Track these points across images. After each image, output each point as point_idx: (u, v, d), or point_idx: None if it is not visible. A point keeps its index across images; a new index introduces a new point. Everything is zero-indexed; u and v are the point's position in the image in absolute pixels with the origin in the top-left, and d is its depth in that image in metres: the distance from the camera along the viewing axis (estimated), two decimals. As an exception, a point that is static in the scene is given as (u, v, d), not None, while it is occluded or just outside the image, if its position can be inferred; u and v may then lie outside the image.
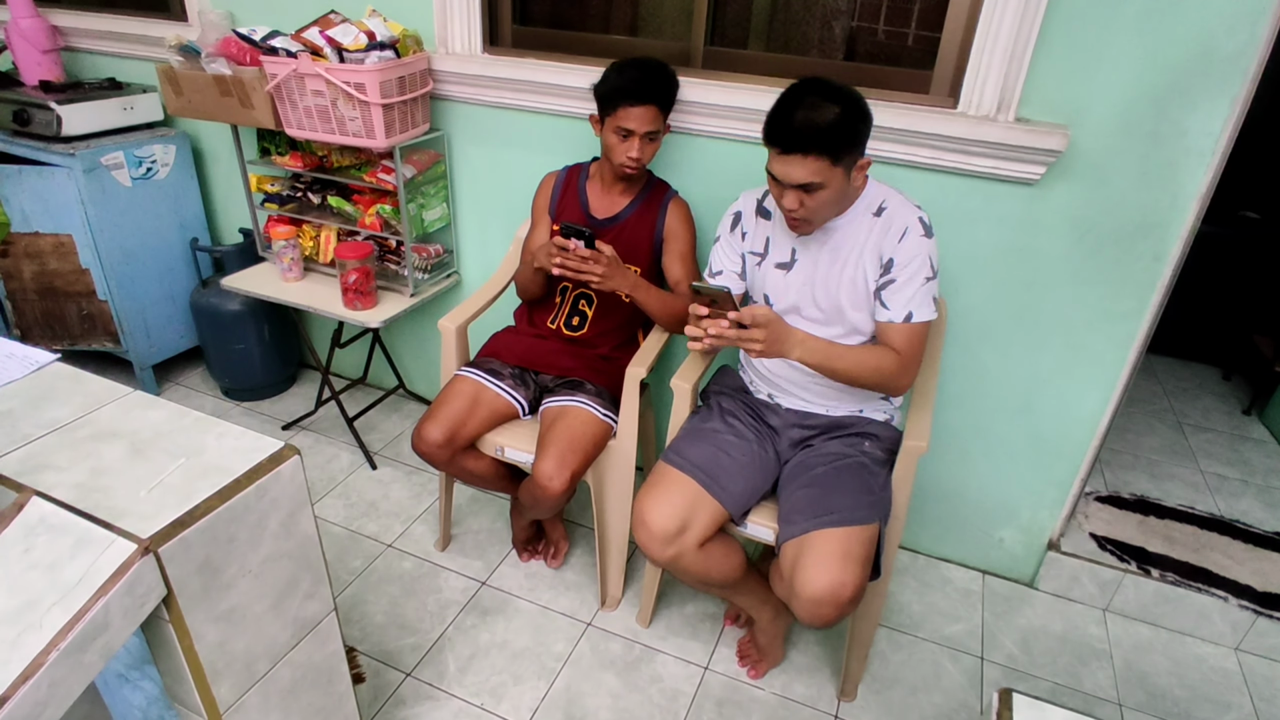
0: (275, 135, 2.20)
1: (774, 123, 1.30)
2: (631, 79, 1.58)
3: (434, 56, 1.96)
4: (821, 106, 1.25)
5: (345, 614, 1.80)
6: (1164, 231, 1.53)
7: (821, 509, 1.38)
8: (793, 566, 1.35)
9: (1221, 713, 1.68)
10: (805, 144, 1.26)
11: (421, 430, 1.66)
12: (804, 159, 1.27)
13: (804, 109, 1.26)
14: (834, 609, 1.31)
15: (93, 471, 0.93)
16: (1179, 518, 2.06)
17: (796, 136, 1.26)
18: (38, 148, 2.23)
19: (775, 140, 1.30)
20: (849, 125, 1.27)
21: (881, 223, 1.41)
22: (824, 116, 1.25)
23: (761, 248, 1.53)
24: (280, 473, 0.98)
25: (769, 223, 1.53)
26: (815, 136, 1.25)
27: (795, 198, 1.33)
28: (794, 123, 1.26)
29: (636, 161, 1.62)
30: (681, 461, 1.49)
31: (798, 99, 1.28)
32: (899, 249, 1.39)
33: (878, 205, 1.42)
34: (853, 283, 1.43)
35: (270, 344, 2.52)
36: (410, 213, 2.03)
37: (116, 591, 0.79)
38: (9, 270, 2.37)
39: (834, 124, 1.25)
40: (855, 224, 1.43)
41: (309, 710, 1.16)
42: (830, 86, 1.28)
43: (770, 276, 1.52)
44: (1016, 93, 1.51)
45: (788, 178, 1.30)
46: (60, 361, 1.16)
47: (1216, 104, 1.41)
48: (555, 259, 1.57)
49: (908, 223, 1.39)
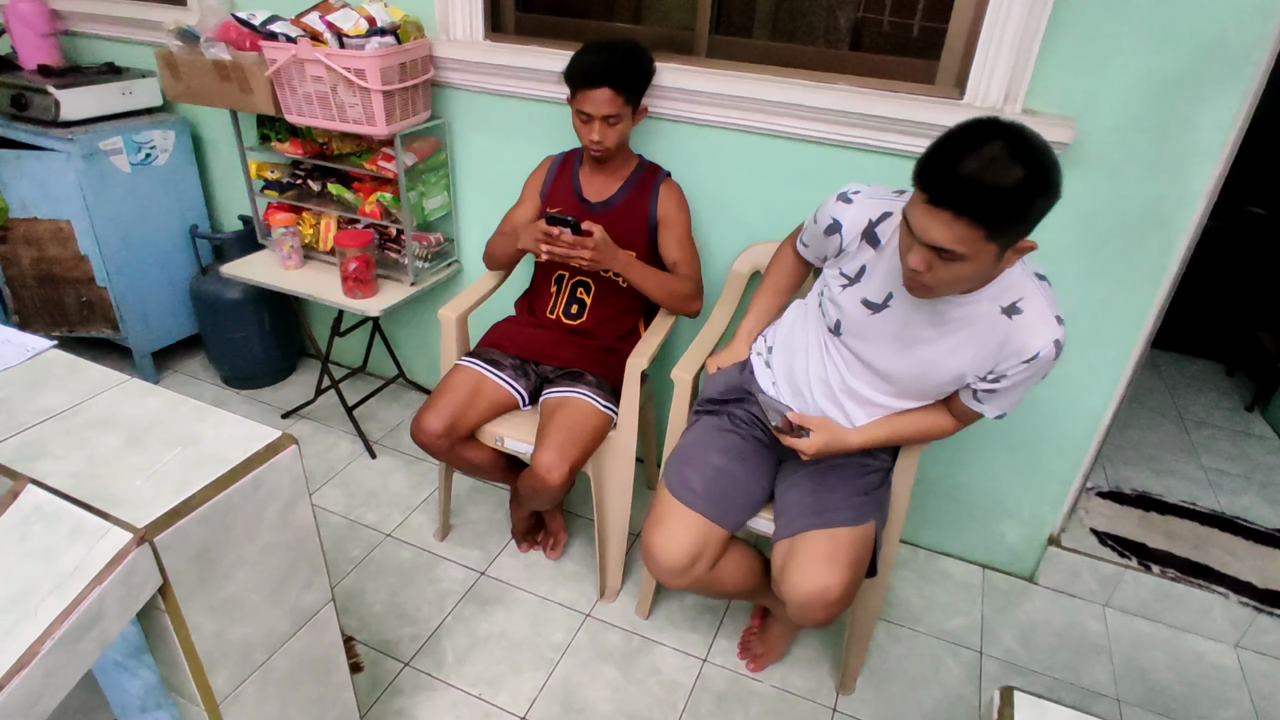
0: (275, 121, 2.18)
1: (933, 162, 1.04)
2: (588, 63, 1.58)
3: (435, 43, 1.94)
4: (1001, 162, 0.98)
5: (344, 603, 1.80)
6: (1171, 226, 1.52)
7: (813, 509, 1.37)
8: (782, 567, 1.35)
9: (1220, 709, 1.68)
10: (961, 202, 1.00)
11: (421, 420, 1.65)
12: (954, 220, 1.01)
13: (977, 159, 0.99)
14: (821, 610, 1.31)
15: (89, 460, 0.92)
16: (1180, 514, 2.06)
17: (954, 189, 1.00)
18: (36, 132, 2.22)
19: (927, 184, 1.04)
20: (1027, 198, 1.00)
21: (1010, 328, 1.17)
22: (999, 176, 0.98)
23: (854, 274, 1.29)
24: (277, 462, 0.97)
25: (874, 252, 1.26)
26: (978, 197, 0.99)
27: (924, 258, 1.08)
28: (958, 171, 1.00)
29: (598, 145, 1.62)
30: (686, 494, 1.42)
31: (975, 143, 1.01)
32: (1020, 369, 1.18)
33: (1012, 301, 1.16)
34: (939, 370, 1.25)
35: (270, 332, 2.51)
36: (411, 201, 2.01)
37: (112, 581, 0.79)
38: (7, 257, 2.36)
39: (1009, 190, 0.98)
40: (977, 311, 1.18)
41: (306, 700, 1.16)
42: (1023, 142, 1.00)
43: (852, 309, 1.30)
44: (1024, 84, 1.49)
45: (925, 233, 1.05)
46: (57, 349, 1.15)
47: (1227, 97, 1.39)
48: (543, 245, 1.58)
49: (1041, 347, 1.15)
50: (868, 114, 1.59)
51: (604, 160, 1.70)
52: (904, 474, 1.46)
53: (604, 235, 1.58)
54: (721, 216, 1.87)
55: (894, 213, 1.23)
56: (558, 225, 1.56)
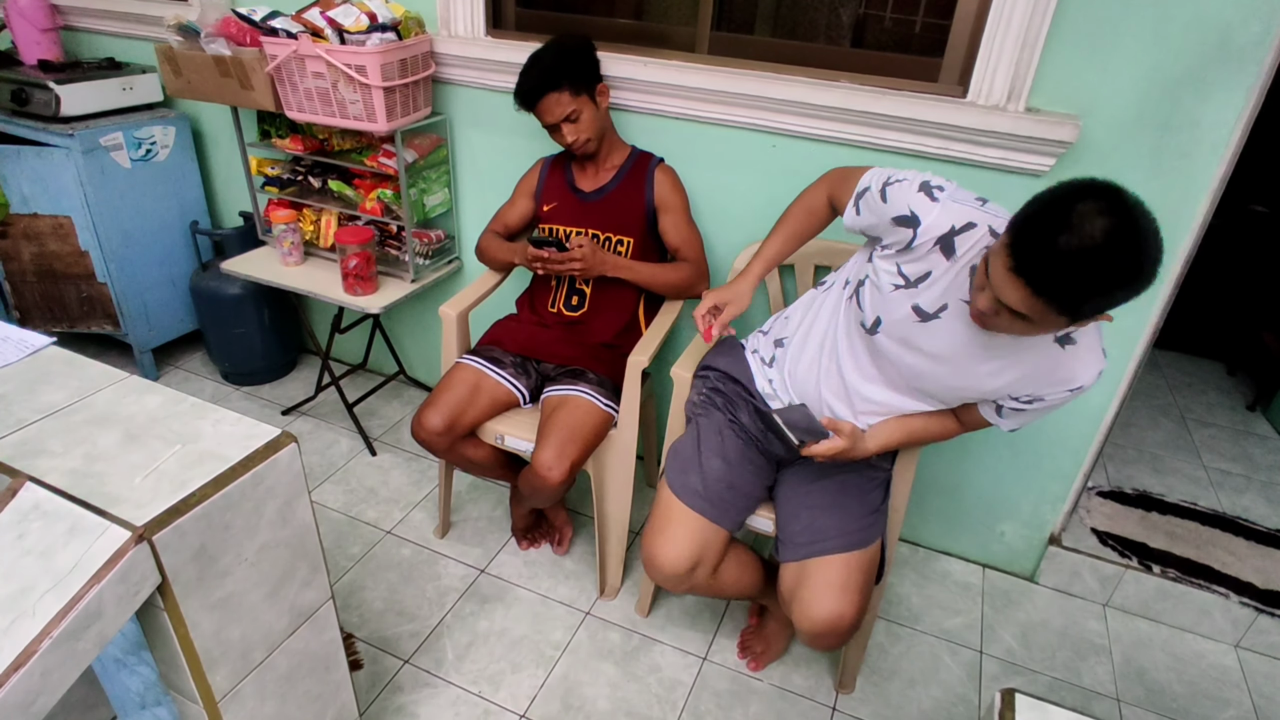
0: (275, 118, 2.18)
1: (1026, 228, 0.95)
2: (522, 84, 1.63)
3: (436, 39, 1.93)
4: (1097, 255, 0.89)
5: (344, 600, 1.80)
6: (1174, 225, 1.51)
7: (821, 533, 1.35)
8: (792, 594, 1.34)
9: (1220, 709, 1.68)
10: (1045, 286, 0.93)
11: (421, 417, 1.65)
12: (1033, 296, 0.95)
13: (1076, 239, 0.90)
14: (836, 638, 1.31)
15: (87, 457, 0.92)
16: (1181, 513, 2.06)
17: (1041, 270, 0.93)
18: (36, 128, 2.21)
19: (1015, 249, 0.95)
20: (1117, 293, 0.93)
21: (1062, 357, 1.14)
22: (1090, 269, 0.90)
23: (914, 278, 1.19)
24: (277, 460, 0.97)
25: (946, 263, 1.16)
26: (1063, 287, 0.92)
27: (994, 307, 1.02)
28: (1049, 250, 0.91)
29: (575, 143, 1.66)
30: (688, 496, 1.41)
31: (1077, 221, 0.90)
32: (1059, 395, 1.17)
33: (1067, 331, 1.12)
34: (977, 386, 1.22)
35: (270, 328, 2.51)
36: (411, 198, 2.01)
37: (110, 579, 0.78)
38: (8, 252, 2.36)
39: (1098, 285, 0.91)
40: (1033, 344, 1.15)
41: (306, 697, 1.16)
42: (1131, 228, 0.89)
43: (900, 312, 1.22)
44: (1028, 82, 1.49)
45: (1001, 293, 0.99)
46: (56, 345, 1.15)
47: (1231, 95, 1.38)
48: (536, 265, 1.67)
49: (1088, 379, 1.14)
50: (870, 111, 1.58)
51: (591, 155, 1.73)
52: (904, 473, 1.46)
53: (592, 248, 1.64)
54: (722, 214, 1.87)
55: (978, 225, 1.13)
56: (544, 247, 1.63)
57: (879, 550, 1.38)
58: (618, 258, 1.71)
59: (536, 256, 1.65)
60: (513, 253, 1.79)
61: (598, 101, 1.66)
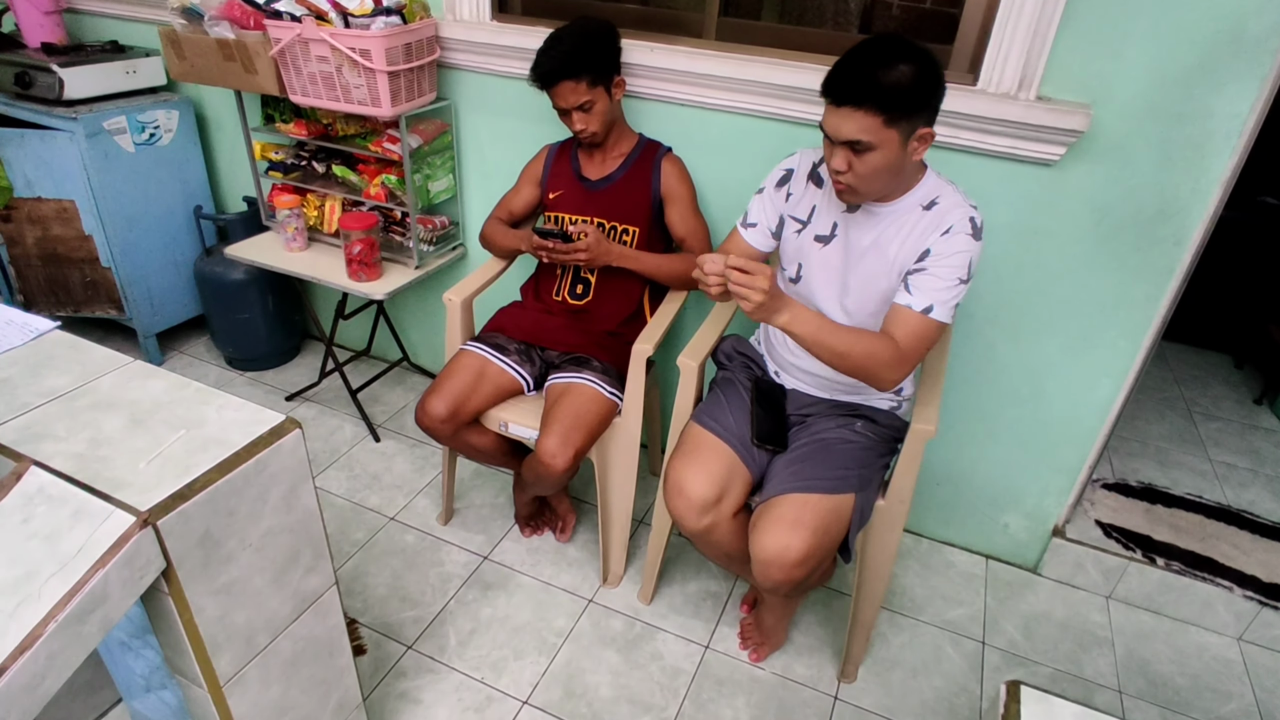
0: (280, 102, 2.16)
1: (832, 72, 1.22)
2: (544, 61, 1.59)
3: (441, 23, 1.92)
4: (885, 60, 1.16)
5: (347, 586, 1.80)
6: (1185, 216, 1.50)
7: (794, 475, 1.40)
8: (753, 528, 1.38)
9: (1223, 702, 1.68)
10: (859, 96, 1.17)
11: (425, 404, 1.65)
12: (854, 112, 1.18)
13: (866, 61, 1.18)
14: (779, 570, 1.32)
15: (92, 442, 0.92)
16: (1186, 506, 2.05)
17: (850, 87, 1.18)
18: (40, 111, 2.21)
19: (829, 90, 1.21)
20: (911, 85, 1.17)
21: (930, 217, 1.33)
22: (885, 70, 1.16)
23: (806, 215, 1.45)
24: (281, 446, 0.97)
25: (819, 191, 1.44)
26: (871, 89, 1.17)
27: (844, 158, 1.24)
28: (852, 72, 1.18)
29: (583, 132, 1.64)
30: (717, 427, 1.49)
31: (862, 51, 1.20)
32: (940, 242, 1.30)
33: (930, 199, 1.34)
34: (886, 275, 1.37)
35: (274, 314, 2.51)
36: (416, 183, 2.00)
37: (115, 564, 0.78)
38: (12, 236, 2.36)
39: (895, 80, 1.16)
40: (903, 216, 1.35)
41: (310, 682, 1.16)
42: (901, 43, 1.19)
43: (808, 247, 1.45)
44: (1039, 70, 1.47)
45: (837, 133, 1.22)
46: (60, 329, 1.15)
47: (1244, 85, 1.36)
48: (542, 254, 1.67)
49: (956, 220, 1.31)
50: (879, 99, 1.57)
51: (597, 144, 1.71)
52: (909, 463, 1.45)
53: (597, 239, 1.64)
54: (729, 201, 1.86)
55: None
56: (548, 238, 1.63)
57: (849, 507, 1.38)
58: (623, 248, 1.70)
59: (541, 246, 1.65)
60: (518, 240, 1.78)
61: (612, 94, 1.65)
